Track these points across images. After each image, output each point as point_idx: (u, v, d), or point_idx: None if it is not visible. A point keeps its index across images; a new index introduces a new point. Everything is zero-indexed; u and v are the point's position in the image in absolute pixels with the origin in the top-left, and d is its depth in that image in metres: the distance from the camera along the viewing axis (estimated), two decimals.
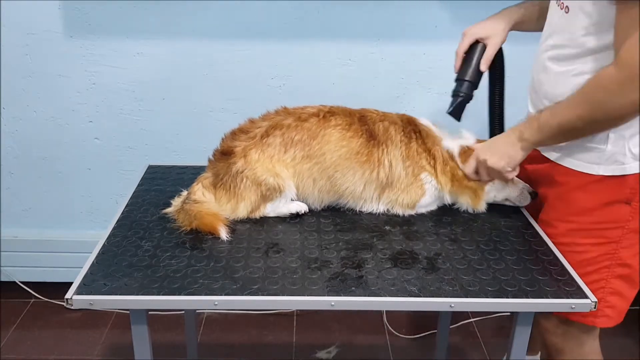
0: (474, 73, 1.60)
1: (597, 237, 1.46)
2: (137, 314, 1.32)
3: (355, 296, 1.27)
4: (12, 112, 2.38)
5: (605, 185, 1.42)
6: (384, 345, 2.44)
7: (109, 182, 2.49)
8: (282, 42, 2.27)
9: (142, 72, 2.31)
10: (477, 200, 1.60)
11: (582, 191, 1.45)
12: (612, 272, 1.47)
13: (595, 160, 1.42)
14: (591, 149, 1.41)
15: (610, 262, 1.46)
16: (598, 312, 1.46)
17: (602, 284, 1.47)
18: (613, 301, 1.49)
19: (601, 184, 1.42)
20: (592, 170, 1.43)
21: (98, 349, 2.38)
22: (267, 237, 1.49)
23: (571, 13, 1.36)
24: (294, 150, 1.56)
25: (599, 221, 1.45)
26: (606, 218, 1.44)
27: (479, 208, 1.61)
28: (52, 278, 2.58)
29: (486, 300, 1.28)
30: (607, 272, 1.47)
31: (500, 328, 2.54)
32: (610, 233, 1.45)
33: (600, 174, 1.42)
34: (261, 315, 2.56)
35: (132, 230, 1.51)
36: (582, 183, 1.45)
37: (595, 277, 1.46)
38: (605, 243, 1.46)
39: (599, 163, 1.42)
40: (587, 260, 1.46)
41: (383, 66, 2.32)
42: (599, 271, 1.47)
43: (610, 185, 1.42)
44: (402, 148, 1.58)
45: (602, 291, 1.47)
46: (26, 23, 2.23)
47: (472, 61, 1.60)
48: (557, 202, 1.52)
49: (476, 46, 1.60)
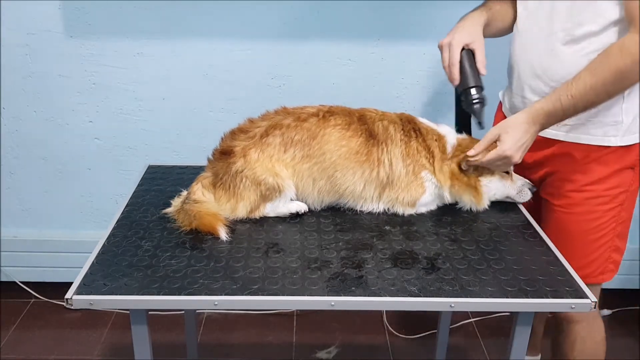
0: (477, 77, 1.58)
1: (609, 202, 1.58)
2: (137, 314, 1.32)
3: (355, 296, 1.27)
4: (12, 112, 2.38)
5: (618, 155, 1.55)
6: (384, 345, 2.44)
7: (109, 182, 2.49)
8: (282, 42, 2.27)
9: (142, 72, 2.31)
10: (479, 198, 1.60)
11: (597, 162, 1.56)
12: (614, 231, 1.62)
13: (612, 132, 1.53)
14: (608, 123, 1.52)
15: (615, 223, 1.61)
16: (605, 269, 1.63)
17: (609, 244, 1.62)
18: (614, 257, 1.65)
19: (615, 153, 1.55)
20: (610, 143, 1.54)
21: (98, 349, 2.38)
22: (267, 237, 1.49)
23: None
24: (293, 150, 1.56)
25: (611, 187, 1.57)
26: (616, 184, 1.57)
27: (482, 205, 1.61)
28: (52, 278, 2.58)
29: (486, 300, 1.28)
30: (613, 233, 1.62)
31: (500, 328, 2.54)
32: (619, 197, 1.58)
33: (618, 145, 1.53)
34: (261, 315, 2.56)
35: (132, 230, 1.51)
36: (599, 155, 1.55)
37: (605, 240, 1.61)
38: (614, 207, 1.59)
39: (615, 135, 1.53)
40: (600, 225, 1.59)
41: (383, 66, 2.32)
42: (608, 234, 1.61)
43: (621, 153, 1.55)
44: (402, 147, 1.58)
45: (609, 250, 1.62)
46: (26, 23, 2.24)
47: (471, 68, 1.57)
48: (572, 175, 1.59)
49: (466, 53, 1.58)
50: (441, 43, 1.59)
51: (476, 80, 1.57)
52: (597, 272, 1.63)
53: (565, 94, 1.43)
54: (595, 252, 1.62)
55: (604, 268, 1.64)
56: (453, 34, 1.58)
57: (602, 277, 1.65)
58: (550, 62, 1.53)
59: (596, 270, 1.63)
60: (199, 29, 2.25)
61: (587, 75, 1.41)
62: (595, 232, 1.60)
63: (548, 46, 1.52)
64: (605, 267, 1.64)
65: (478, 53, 1.58)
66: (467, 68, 1.57)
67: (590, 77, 1.41)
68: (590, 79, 1.40)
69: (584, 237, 1.61)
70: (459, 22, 1.63)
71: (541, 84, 1.56)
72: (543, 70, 1.55)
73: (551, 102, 1.45)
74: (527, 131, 1.48)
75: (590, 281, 1.59)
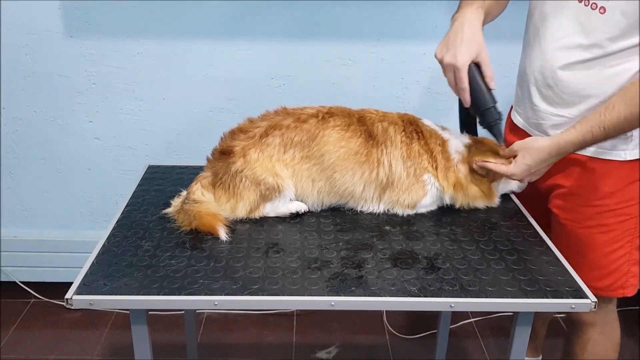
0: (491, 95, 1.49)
1: (621, 215, 1.55)
2: (137, 314, 1.32)
3: (355, 296, 1.27)
4: (12, 112, 2.38)
5: (627, 168, 1.52)
6: (384, 345, 2.44)
7: (109, 182, 2.49)
8: (282, 42, 2.27)
9: (142, 72, 2.31)
10: (492, 200, 1.63)
11: (607, 176, 1.53)
12: (633, 245, 1.59)
13: (622, 147, 1.51)
14: (619, 137, 1.47)
15: (632, 236, 1.58)
16: (626, 283, 1.61)
17: (627, 257, 1.59)
18: (635, 270, 1.61)
19: (624, 167, 1.52)
20: (619, 157, 1.51)
21: (98, 349, 2.38)
22: (267, 237, 1.49)
23: (608, 14, 1.38)
24: (293, 151, 1.56)
25: (622, 200, 1.54)
26: (628, 197, 1.54)
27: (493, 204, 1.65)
28: (52, 278, 2.58)
29: (486, 300, 1.28)
30: (630, 246, 1.58)
31: (500, 328, 2.54)
32: (631, 209, 1.55)
33: (627, 159, 1.51)
34: (261, 315, 2.56)
35: (132, 230, 1.51)
36: (607, 169, 1.53)
37: (621, 253, 1.58)
38: (628, 219, 1.56)
39: (625, 149, 1.51)
40: (613, 238, 1.57)
41: (383, 66, 2.32)
42: (624, 246, 1.58)
43: (631, 167, 1.52)
44: (402, 149, 1.58)
45: (627, 263, 1.59)
46: (26, 23, 2.23)
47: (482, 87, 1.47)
48: (581, 190, 1.58)
49: (473, 70, 1.46)
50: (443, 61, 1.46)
51: (491, 100, 1.48)
52: (617, 286, 1.60)
53: (597, 126, 1.38)
54: (611, 264, 1.58)
55: (624, 282, 1.60)
56: (455, 50, 1.43)
57: (623, 292, 1.62)
58: (563, 75, 1.49)
59: (615, 283, 1.60)
60: (199, 29, 2.25)
61: (621, 106, 1.36)
62: (609, 244, 1.57)
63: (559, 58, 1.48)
64: (626, 281, 1.60)
65: (485, 68, 1.46)
66: (478, 88, 1.46)
67: (624, 107, 1.36)
68: (625, 109, 1.35)
69: (597, 250, 1.58)
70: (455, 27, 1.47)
71: (552, 94, 1.53)
72: (555, 81, 1.51)
73: (581, 134, 1.41)
74: (546, 160, 1.47)
75: (609, 294, 1.62)
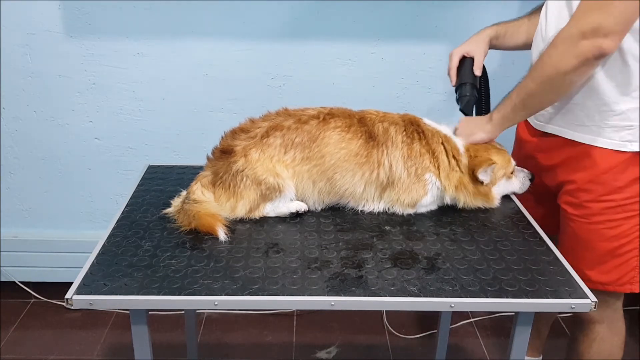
0: (471, 76, 1.72)
1: (629, 210, 1.56)
2: (137, 314, 1.32)
3: (355, 296, 1.27)
4: (12, 112, 2.38)
5: (634, 162, 1.52)
6: (384, 345, 2.44)
7: (109, 182, 2.49)
8: (282, 42, 2.27)
9: (142, 72, 2.31)
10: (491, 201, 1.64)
11: (614, 171, 1.54)
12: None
13: (628, 137, 1.51)
14: (625, 128, 1.50)
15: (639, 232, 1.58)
16: (633, 279, 1.61)
17: (635, 253, 1.59)
18: None
19: (631, 161, 1.52)
20: (626, 148, 1.51)
21: (98, 349, 2.38)
22: (267, 237, 1.49)
23: None
24: (293, 152, 1.56)
25: (630, 196, 1.55)
26: (636, 192, 1.54)
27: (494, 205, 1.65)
28: (52, 278, 2.58)
29: (486, 300, 1.28)
30: (638, 241, 1.58)
31: (500, 328, 2.54)
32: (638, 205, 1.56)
33: (634, 151, 1.51)
34: (261, 315, 2.56)
35: (132, 230, 1.51)
36: (613, 163, 1.53)
37: (629, 248, 1.58)
38: (635, 215, 1.56)
39: (632, 140, 1.51)
40: (621, 233, 1.57)
41: (383, 66, 2.32)
42: (632, 242, 1.58)
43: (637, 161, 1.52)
44: (403, 149, 1.58)
45: (635, 259, 1.60)
46: (26, 23, 2.24)
47: (466, 69, 1.72)
48: (590, 185, 1.58)
49: (465, 60, 1.73)
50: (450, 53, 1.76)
51: (467, 78, 1.71)
52: (623, 281, 1.61)
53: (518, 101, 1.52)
54: (617, 259, 1.59)
55: (631, 277, 1.61)
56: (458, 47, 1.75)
57: (631, 287, 1.62)
58: None
59: (622, 278, 1.61)
60: (198, 29, 2.25)
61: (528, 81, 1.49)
62: (615, 240, 1.57)
63: None
64: (634, 277, 1.61)
65: (476, 58, 1.72)
66: (463, 71, 1.72)
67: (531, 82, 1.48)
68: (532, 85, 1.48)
69: (604, 245, 1.58)
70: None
71: None
72: None
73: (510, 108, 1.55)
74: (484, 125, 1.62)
75: (616, 289, 1.63)
